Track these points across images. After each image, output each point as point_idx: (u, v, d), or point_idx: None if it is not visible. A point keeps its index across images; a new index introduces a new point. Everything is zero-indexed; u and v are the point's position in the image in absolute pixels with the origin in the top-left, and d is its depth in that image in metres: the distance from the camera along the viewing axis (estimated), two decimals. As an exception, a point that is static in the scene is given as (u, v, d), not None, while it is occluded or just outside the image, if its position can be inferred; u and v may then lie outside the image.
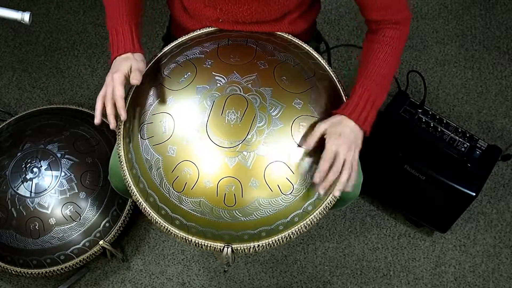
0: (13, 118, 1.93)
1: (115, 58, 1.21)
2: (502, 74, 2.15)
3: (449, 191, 1.65)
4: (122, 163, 1.19)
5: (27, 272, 1.70)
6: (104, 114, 1.15)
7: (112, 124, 1.14)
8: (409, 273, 1.84)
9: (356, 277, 1.84)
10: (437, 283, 1.83)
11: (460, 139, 1.69)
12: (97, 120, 1.14)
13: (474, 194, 1.63)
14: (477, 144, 1.69)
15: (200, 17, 1.29)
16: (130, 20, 1.23)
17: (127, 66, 1.17)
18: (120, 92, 1.14)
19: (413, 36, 2.22)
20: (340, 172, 1.10)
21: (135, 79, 1.15)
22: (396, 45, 1.22)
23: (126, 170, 1.18)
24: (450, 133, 1.69)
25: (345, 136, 1.10)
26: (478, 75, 2.15)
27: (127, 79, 1.17)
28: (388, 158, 1.70)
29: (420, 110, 1.72)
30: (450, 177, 1.65)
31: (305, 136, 1.12)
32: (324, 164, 1.08)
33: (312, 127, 1.13)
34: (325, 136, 1.11)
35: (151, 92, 1.19)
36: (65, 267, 1.70)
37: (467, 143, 1.68)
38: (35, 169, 1.71)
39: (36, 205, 1.68)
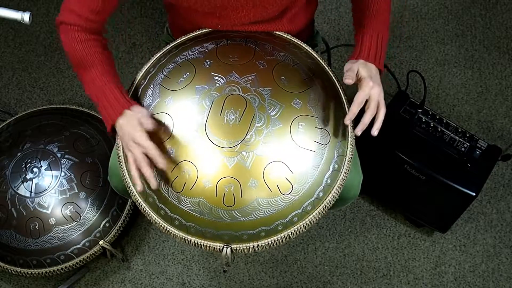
0: (13, 118, 1.93)
1: (115, 121, 1.14)
2: (502, 74, 2.15)
3: (449, 191, 1.65)
4: (121, 163, 1.19)
5: (27, 272, 1.70)
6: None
7: (154, 185, 1.11)
8: (409, 273, 1.84)
9: (356, 277, 1.84)
10: (437, 283, 1.83)
11: (460, 139, 1.69)
12: (139, 188, 1.13)
13: (474, 194, 1.63)
14: (477, 144, 1.69)
15: (198, 22, 1.29)
16: (111, 79, 1.17)
17: (137, 121, 1.12)
18: (154, 149, 1.10)
19: (413, 36, 2.22)
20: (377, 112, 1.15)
21: (150, 124, 1.12)
22: None
23: (126, 171, 1.18)
24: (450, 133, 1.69)
25: (374, 79, 1.16)
26: (478, 75, 2.15)
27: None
28: (388, 158, 1.70)
29: (420, 110, 1.72)
30: (450, 177, 1.64)
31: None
32: (355, 107, 1.13)
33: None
34: (358, 79, 1.16)
35: (150, 93, 1.19)
36: (65, 267, 1.70)
37: (467, 143, 1.68)
38: (35, 169, 1.71)
39: (36, 205, 1.68)
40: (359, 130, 1.13)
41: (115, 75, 1.20)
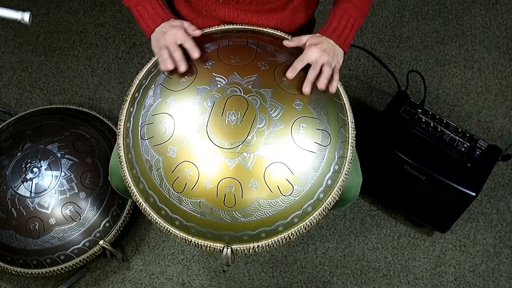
0: (13, 118, 1.93)
1: (152, 31, 1.20)
2: (502, 74, 2.15)
3: (449, 191, 1.65)
4: (122, 163, 1.19)
5: (27, 272, 1.70)
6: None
7: (184, 67, 1.15)
8: (409, 273, 1.84)
9: (356, 277, 1.84)
10: (437, 283, 1.83)
11: (460, 139, 1.69)
12: (171, 65, 1.16)
13: (474, 194, 1.63)
14: (477, 144, 1.69)
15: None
16: None
17: (181, 31, 1.17)
18: (190, 42, 1.16)
19: (413, 36, 2.22)
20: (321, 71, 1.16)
21: (197, 31, 1.18)
22: None
23: (126, 170, 1.18)
24: (450, 133, 1.70)
25: (325, 47, 1.16)
26: (478, 75, 2.15)
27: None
28: (388, 158, 1.70)
29: (420, 110, 1.72)
30: (450, 177, 1.65)
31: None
32: (297, 63, 1.15)
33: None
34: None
35: (151, 93, 1.19)
36: (65, 267, 1.70)
37: (467, 143, 1.68)
38: (35, 169, 1.71)
39: (36, 205, 1.68)
40: (306, 88, 1.14)
41: None
